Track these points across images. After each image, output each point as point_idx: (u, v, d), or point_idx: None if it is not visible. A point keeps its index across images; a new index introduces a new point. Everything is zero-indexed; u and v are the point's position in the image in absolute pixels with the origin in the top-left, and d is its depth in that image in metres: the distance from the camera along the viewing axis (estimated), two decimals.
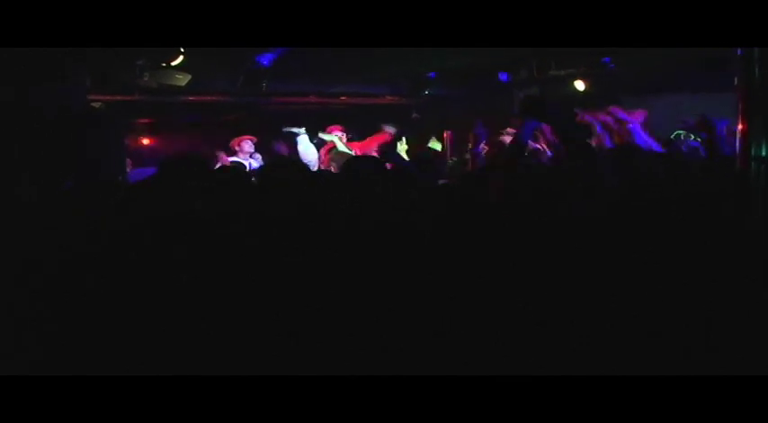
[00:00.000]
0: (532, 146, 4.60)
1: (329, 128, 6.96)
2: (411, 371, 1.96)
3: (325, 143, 6.93)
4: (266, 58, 6.72)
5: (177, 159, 2.87)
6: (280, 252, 2.23)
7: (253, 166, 6.82)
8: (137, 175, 5.57)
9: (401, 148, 6.77)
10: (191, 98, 7.80)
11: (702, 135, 4.50)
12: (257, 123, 7.73)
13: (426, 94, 8.51)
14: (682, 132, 5.26)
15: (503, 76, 7.79)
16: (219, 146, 7.07)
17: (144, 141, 8.72)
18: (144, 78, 6.68)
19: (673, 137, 5.31)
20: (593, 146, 4.03)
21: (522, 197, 2.55)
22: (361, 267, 2.21)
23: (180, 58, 6.51)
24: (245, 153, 7.01)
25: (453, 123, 7.22)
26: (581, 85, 7.42)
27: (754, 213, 2.23)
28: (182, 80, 6.82)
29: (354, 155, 6.40)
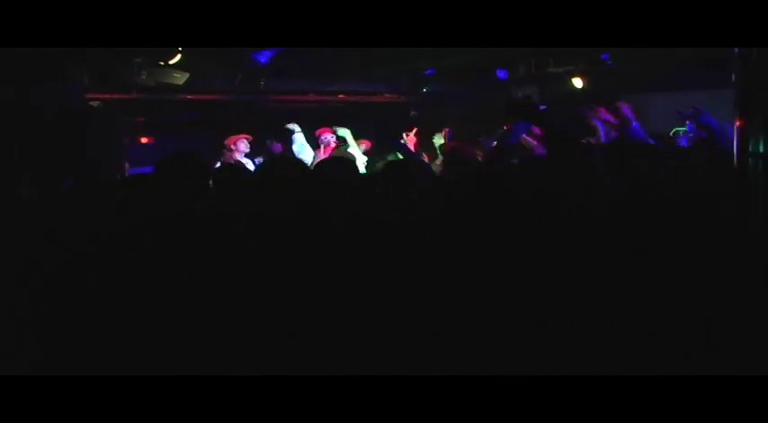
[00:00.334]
0: (526, 140, 4.55)
1: (320, 130, 6.87)
2: (411, 371, 1.96)
3: (321, 142, 6.84)
4: (264, 56, 6.69)
5: (175, 158, 2.86)
6: (280, 252, 2.23)
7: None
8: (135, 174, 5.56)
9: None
10: (189, 96, 7.78)
11: (694, 129, 4.48)
12: (255, 122, 7.70)
13: (424, 91, 8.49)
14: (681, 129, 5.24)
15: (501, 74, 7.79)
16: (218, 144, 7.04)
17: (142, 140, 8.70)
18: (142, 77, 6.67)
19: (672, 134, 5.31)
20: (579, 143, 3.99)
21: (522, 197, 2.55)
22: (361, 267, 2.21)
23: (178, 56, 6.50)
24: (240, 152, 6.96)
25: (452, 121, 7.21)
26: (579, 82, 7.42)
27: (754, 212, 2.23)
28: (180, 78, 6.81)
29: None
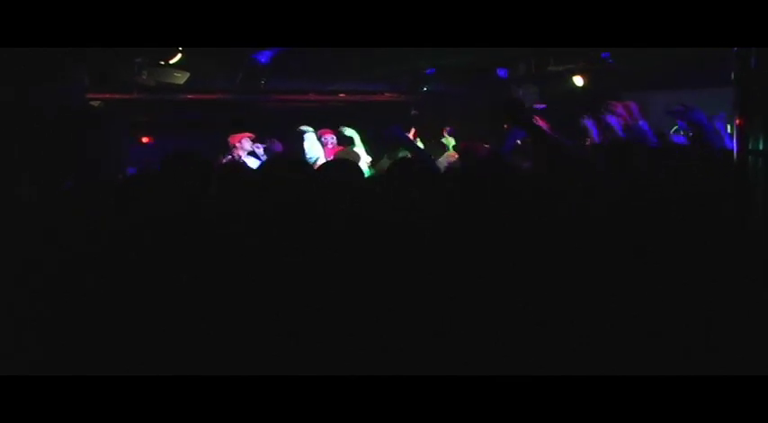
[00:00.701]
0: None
1: (321, 131, 6.86)
2: (411, 371, 1.96)
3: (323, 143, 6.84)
4: (264, 56, 6.69)
5: (176, 158, 2.87)
6: (280, 252, 2.23)
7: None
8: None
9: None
10: (189, 96, 7.78)
11: (685, 126, 4.46)
12: (256, 121, 7.70)
13: (425, 90, 8.49)
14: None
15: (501, 73, 7.79)
16: (221, 143, 7.03)
17: (143, 140, 8.70)
18: (142, 76, 6.67)
19: (672, 132, 5.31)
20: (564, 146, 3.97)
21: (523, 197, 2.54)
22: (361, 267, 2.21)
23: (178, 56, 6.50)
24: (244, 150, 6.96)
25: (452, 120, 7.20)
26: (580, 80, 7.42)
27: (754, 212, 2.23)
28: (180, 78, 6.82)
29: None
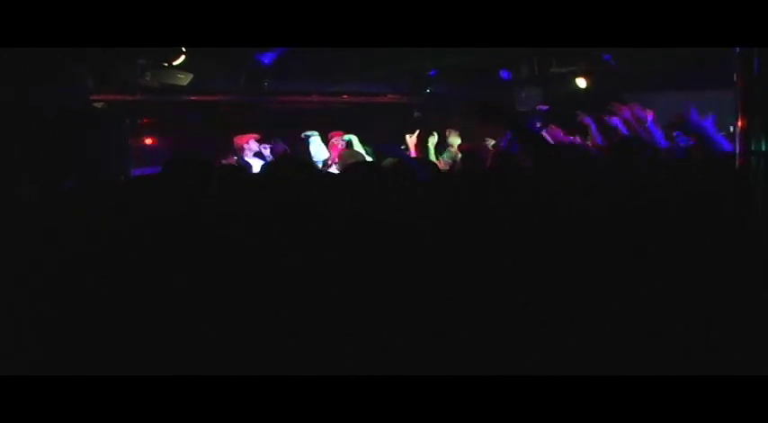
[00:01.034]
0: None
1: (332, 133, 6.87)
2: (411, 371, 1.96)
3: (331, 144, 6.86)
4: (267, 57, 6.69)
5: (179, 159, 2.87)
6: (280, 252, 2.23)
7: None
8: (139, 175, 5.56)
9: (431, 142, 6.60)
10: (192, 98, 7.78)
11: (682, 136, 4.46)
12: (259, 122, 7.71)
13: (428, 92, 8.48)
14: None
15: (504, 74, 7.78)
16: (223, 145, 7.04)
17: (146, 141, 8.70)
18: (146, 78, 6.67)
19: (674, 133, 5.30)
20: (550, 145, 3.97)
21: (523, 197, 2.54)
22: (361, 267, 2.21)
23: (181, 57, 6.49)
24: (250, 151, 6.96)
25: (455, 121, 7.19)
26: (583, 82, 7.41)
27: (754, 212, 2.23)
28: (183, 79, 6.81)
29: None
